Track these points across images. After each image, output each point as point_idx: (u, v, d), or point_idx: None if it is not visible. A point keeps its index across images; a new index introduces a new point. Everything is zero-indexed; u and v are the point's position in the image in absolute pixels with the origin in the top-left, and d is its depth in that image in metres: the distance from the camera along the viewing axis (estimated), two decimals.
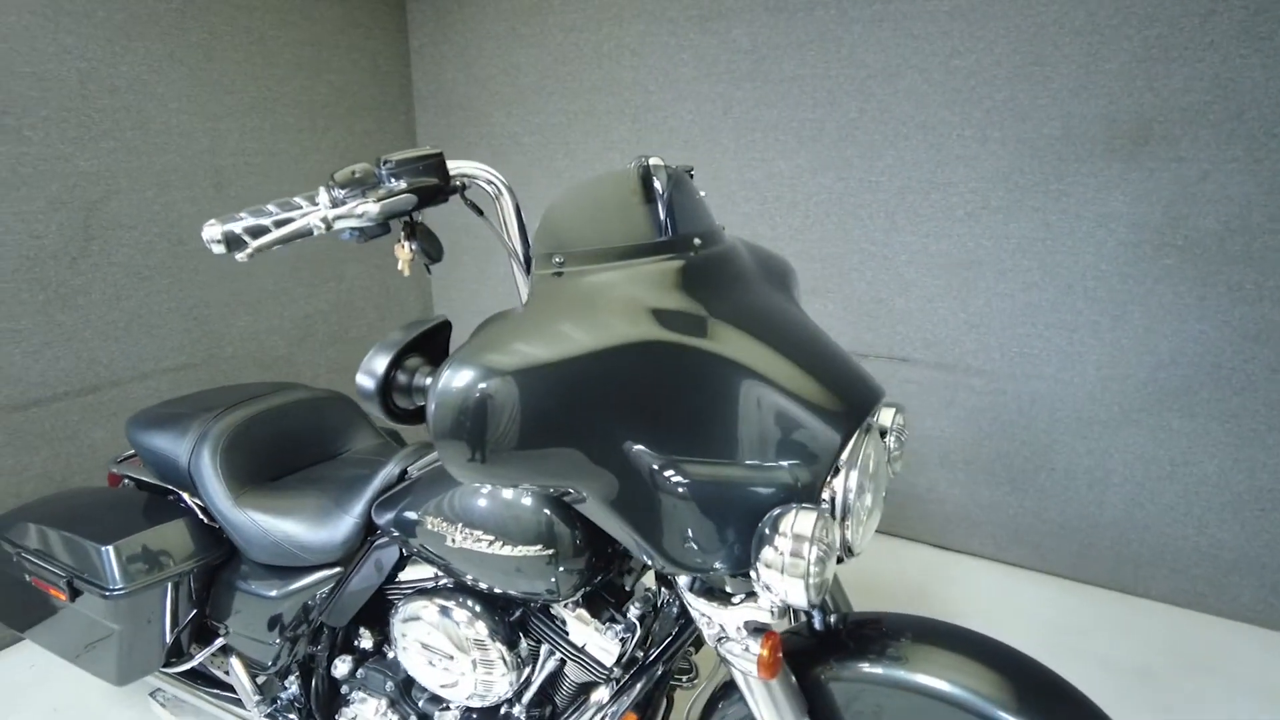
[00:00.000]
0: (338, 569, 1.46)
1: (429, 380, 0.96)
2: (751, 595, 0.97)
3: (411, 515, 1.27)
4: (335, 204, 0.98)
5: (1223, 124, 2.06)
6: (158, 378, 2.60)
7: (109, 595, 1.48)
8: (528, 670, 1.28)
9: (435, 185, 1.02)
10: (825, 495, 0.92)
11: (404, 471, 1.41)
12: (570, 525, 1.13)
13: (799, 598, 0.87)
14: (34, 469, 2.35)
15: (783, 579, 0.87)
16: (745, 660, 0.98)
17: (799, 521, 0.86)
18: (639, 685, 1.24)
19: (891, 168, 2.48)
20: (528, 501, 1.14)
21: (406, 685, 1.47)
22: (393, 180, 1.00)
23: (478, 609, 1.25)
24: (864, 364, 2.67)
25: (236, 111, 2.72)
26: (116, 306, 2.49)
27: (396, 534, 1.32)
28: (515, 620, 1.28)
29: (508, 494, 1.15)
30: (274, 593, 1.50)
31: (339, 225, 0.98)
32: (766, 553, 0.88)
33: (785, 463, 0.91)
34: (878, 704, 1.05)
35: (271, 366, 2.92)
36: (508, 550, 1.15)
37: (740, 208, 2.75)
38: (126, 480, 1.80)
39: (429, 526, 1.22)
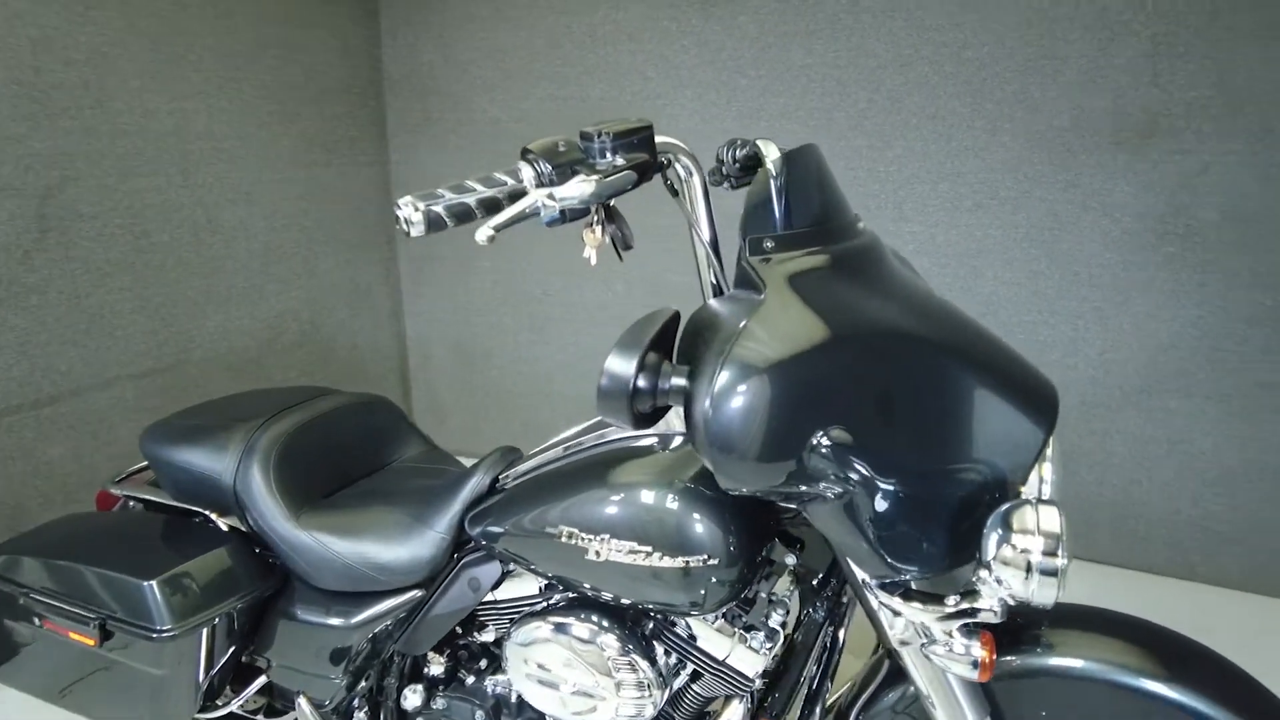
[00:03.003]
0: (418, 591, 1.34)
1: (682, 380, 0.87)
2: (968, 594, 0.93)
3: (527, 527, 1.17)
4: (546, 181, 0.88)
5: (1223, 119, 2.16)
6: (122, 385, 2.35)
7: (156, 637, 1.30)
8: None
9: (648, 162, 0.93)
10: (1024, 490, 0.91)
11: (495, 481, 1.31)
12: (729, 531, 1.07)
13: (1047, 595, 0.84)
14: None
15: (1027, 576, 0.84)
16: (960, 663, 0.94)
17: (1044, 518, 0.83)
18: (777, 695, 1.19)
19: (900, 158, 2.50)
20: (688, 508, 1.06)
21: (497, 712, 1.36)
22: (607, 155, 0.91)
23: (613, 626, 1.17)
24: None
25: (204, 91, 2.49)
26: (76, 307, 2.23)
27: (502, 549, 1.22)
28: (649, 634, 1.20)
29: (667, 501, 1.07)
30: (340, 622, 1.36)
31: (563, 204, 0.88)
32: (1005, 550, 0.84)
33: (999, 459, 0.89)
34: (1038, 693, 1.04)
35: (242, 371, 2.69)
36: (666, 561, 1.07)
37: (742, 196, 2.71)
38: (131, 502, 1.60)
39: (561, 539, 1.13)
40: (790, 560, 1.18)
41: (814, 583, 1.17)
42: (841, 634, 1.15)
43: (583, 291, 3.03)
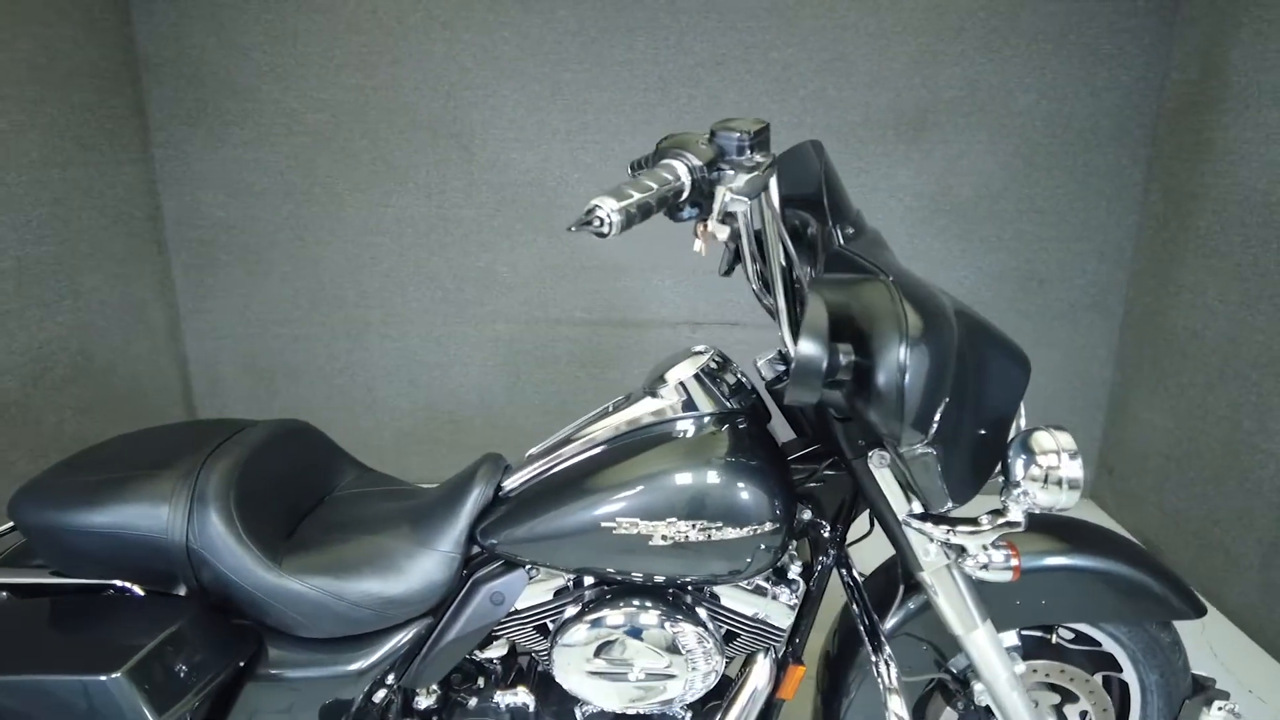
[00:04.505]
0: (425, 620, 1.26)
1: (853, 357, 0.93)
2: (995, 513, 1.11)
3: (564, 527, 1.16)
4: (698, 175, 0.90)
5: (971, 114, 2.65)
6: None
7: None
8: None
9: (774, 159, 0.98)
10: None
11: (499, 489, 1.27)
12: (780, 499, 1.16)
13: (1073, 499, 1.04)
14: None
15: (1057, 488, 1.04)
16: (995, 570, 1.12)
17: (1060, 438, 1.04)
18: (797, 642, 1.31)
19: None
20: (746, 481, 1.13)
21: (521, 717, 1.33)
22: (746, 152, 0.93)
23: (667, 606, 1.20)
24: (699, 331, 2.89)
25: None
26: None
27: (527, 555, 1.20)
28: (691, 606, 1.25)
29: (727, 477, 1.13)
30: (338, 670, 1.23)
31: (737, 200, 0.89)
32: (1034, 470, 1.04)
33: (1004, 403, 1.09)
34: (1037, 586, 1.29)
35: (3, 415, 2.19)
36: (730, 533, 1.13)
37: (574, 189, 2.76)
38: (2, 591, 1.28)
39: (619, 531, 1.14)
40: (806, 516, 1.29)
41: (824, 534, 1.29)
42: (856, 573, 1.29)
43: (405, 291, 2.88)
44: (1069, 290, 2.78)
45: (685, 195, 0.95)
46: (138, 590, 1.25)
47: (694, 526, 1.13)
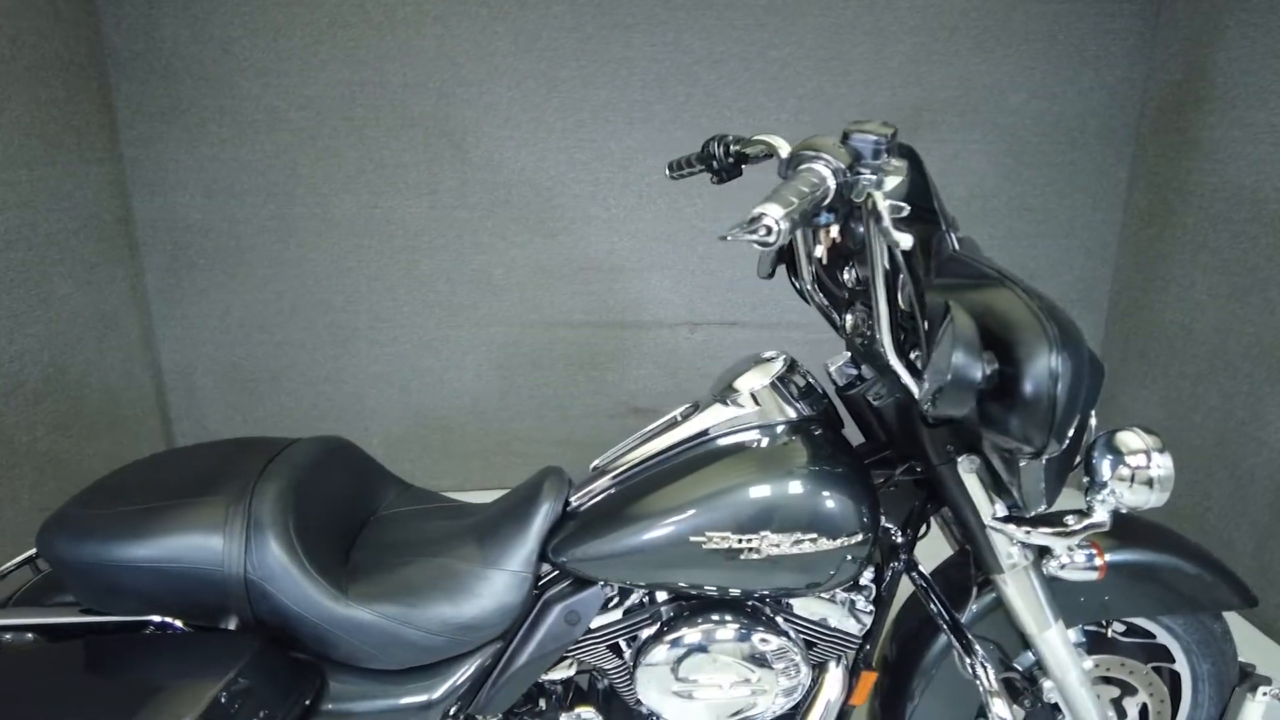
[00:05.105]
0: (495, 644, 1.21)
1: (996, 365, 0.90)
2: (1079, 514, 1.11)
3: (644, 543, 1.13)
4: (842, 179, 0.87)
5: (965, 114, 2.68)
6: None
7: None
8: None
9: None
10: None
11: (566, 504, 1.23)
12: (870, 507, 1.14)
13: (1160, 498, 1.05)
14: None
15: (1143, 489, 1.04)
16: (1080, 570, 1.13)
17: (1147, 438, 1.05)
18: (868, 647, 1.30)
19: None
20: (841, 490, 1.11)
21: None
22: (882, 155, 0.91)
23: (749, 619, 1.18)
24: (699, 330, 2.87)
25: None
26: None
27: (603, 572, 1.16)
28: (770, 619, 1.22)
29: (824, 488, 1.11)
30: (410, 701, 1.16)
31: (895, 212, 0.87)
32: (1121, 470, 1.04)
33: (1088, 399, 1.09)
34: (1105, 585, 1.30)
35: None
36: (824, 545, 1.11)
37: (571, 189, 2.71)
38: (6, 635, 1.17)
39: (709, 546, 1.11)
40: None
41: (895, 539, 1.28)
42: (929, 577, 1.28)
43: (395, 294, 2.78)
44: (1057, 286, 2.85)
45: (829, 199, 0.92)
46: (178, 625, 1.17)
47: (788, 539, 1.10)
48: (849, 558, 1.14)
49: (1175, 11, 2.52)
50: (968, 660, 1.19)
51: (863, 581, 1.28)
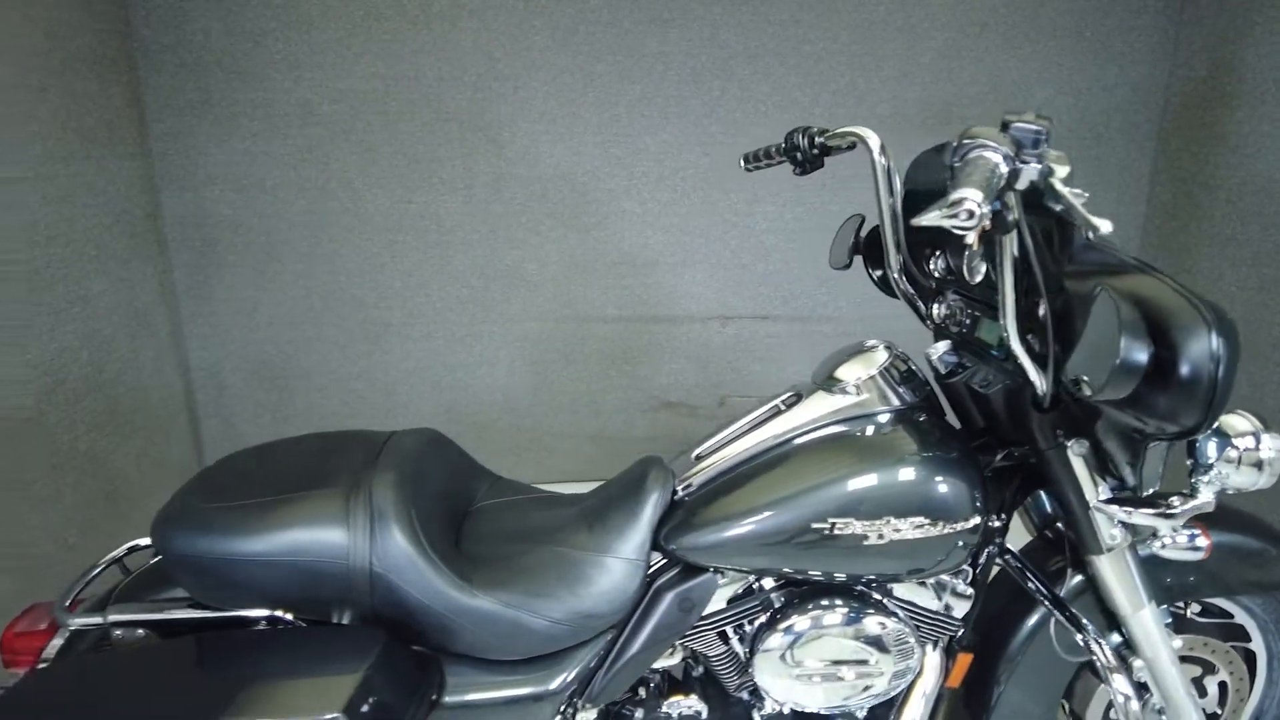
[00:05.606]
0: (609, 633, 1.21)
1: (1153, 348, 0.92)
2: (1183, 496, 1.14)
3: (764, 529, 1.14)
4: (1013, 165, 0.89)
5: (994, 109, 2.72)
6: None
7: None
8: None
9: None
10: None
11: (674, 493, 1.23)
12: (984, 493, 1.16)
13: (1269, 479, 1.08)
14: None
15: (1251, 471, 1.08)
16: (1184, 550, 1.16)
17: (1254, 420, 1.08)
18: (963, 630, 1.32)
19: (754, 143, 2.70)
20: (961, 476, 1.13)
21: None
22: (1040, 145, 0.93)
23: (862, 604, 1.19)
24: (730, 325, 2.89)
25: None
26: None
27: (718, 559, 1.17)
28: (879, 603, 1.24)
29: (946, 474, 1.13)
30: (533, 690, 1.17)
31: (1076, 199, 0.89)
32: (1229, 453, 1.07)
33: None
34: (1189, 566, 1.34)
35: (18, 435, 2.00)
36: (943, 529, 1.13)
37: (605, 184, 2.71)
38: (117, 631, 1.16)
39: (832, 532, 1.12)
40: None
41: (992, 522, 1.30)
42: (1026, 561, 1.31)
43: (428, 290, 2.77)
44: None
45: (1003, 186, 0.93)
46: (289, 619, 1.16)
47: (910, 524, 1.12)
48: (961, 543, 1.16)
49: (1199, 9, 2.57)
50: (1078, 636, 1.21)
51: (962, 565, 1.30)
